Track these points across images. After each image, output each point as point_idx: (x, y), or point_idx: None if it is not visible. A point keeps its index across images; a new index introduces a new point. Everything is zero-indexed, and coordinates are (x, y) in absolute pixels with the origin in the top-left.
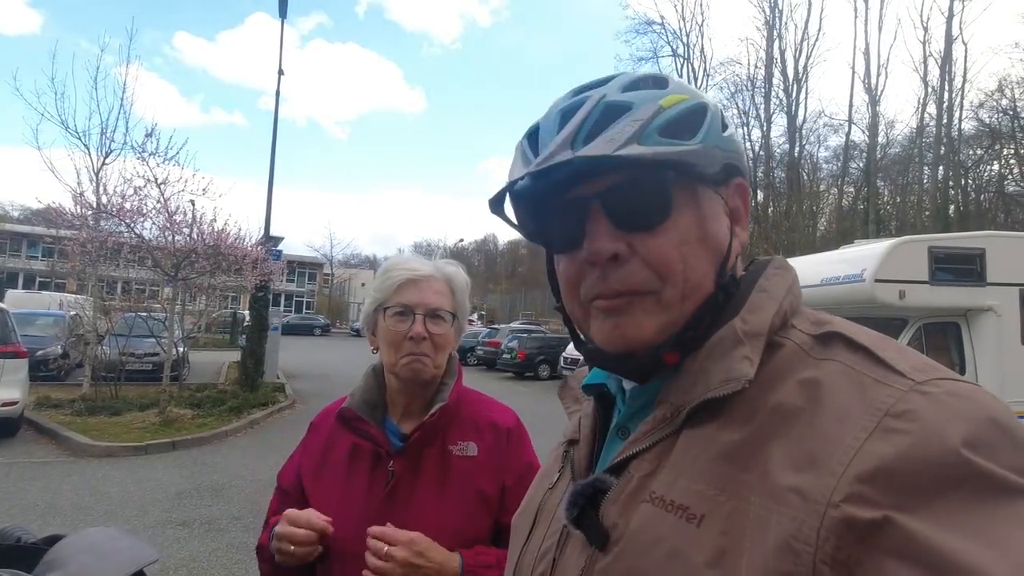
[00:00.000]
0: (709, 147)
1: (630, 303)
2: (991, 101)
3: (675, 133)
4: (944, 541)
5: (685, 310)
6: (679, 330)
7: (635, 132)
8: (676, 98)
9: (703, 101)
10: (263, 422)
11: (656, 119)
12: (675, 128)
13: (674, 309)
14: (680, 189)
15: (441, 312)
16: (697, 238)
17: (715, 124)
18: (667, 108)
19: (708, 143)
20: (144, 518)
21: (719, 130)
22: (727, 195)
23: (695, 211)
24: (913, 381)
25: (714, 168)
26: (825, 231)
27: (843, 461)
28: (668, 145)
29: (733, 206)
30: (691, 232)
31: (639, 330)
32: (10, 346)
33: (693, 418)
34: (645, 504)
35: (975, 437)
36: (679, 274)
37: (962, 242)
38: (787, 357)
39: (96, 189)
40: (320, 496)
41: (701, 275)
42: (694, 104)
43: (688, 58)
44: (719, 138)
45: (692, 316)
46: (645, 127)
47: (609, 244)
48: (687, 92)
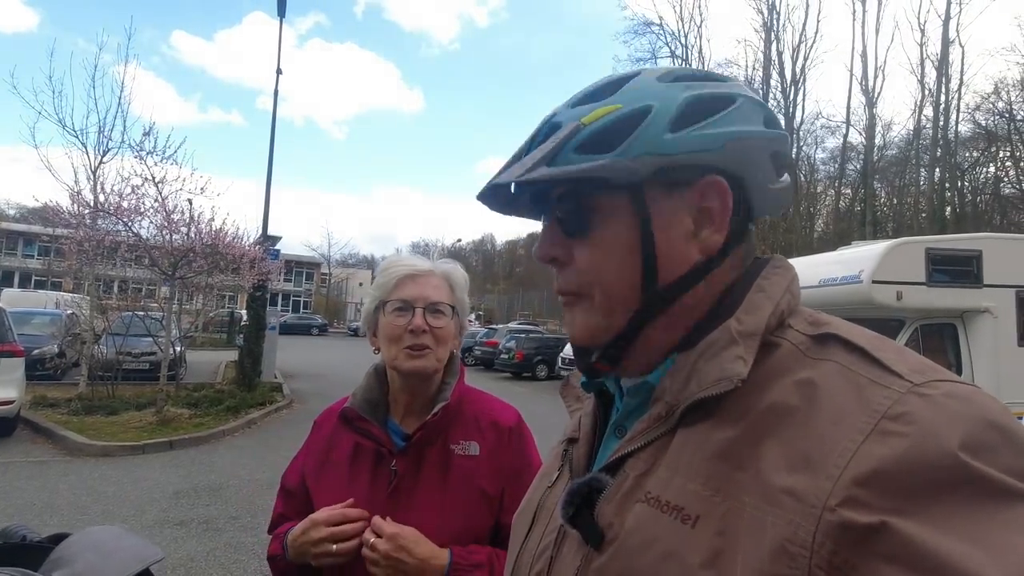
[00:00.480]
0: (627, 158)
1: (571, 303)
2: (987, 104)
3: (593, 148)
4: (941, 546)
5: (614, 320)
6: (610, 338)
7: (547, 154)
8: (604, 111)
9: (644, 105)
10: (260, 422)
11: (574, 138)
12: (593, 143)
13: (602, 315)
14: (608, 200)
15: (441, 306)
16: (627, 247)
17: (655, 127)
18: (588, 124)
19: (630, 153)
20: (141, 518)
21: (661, 132)
22: (691, 197)
23: (627, 221)
24: (910, 383)
25: (634, 177)
26: (822, 232)
27: (839, 464)
28: (580, 162)
29: (704, 206)
30: (618, 242)
31: (574, 327)
32: (6, 345)
33: (688, 417)
34: (640, 504)
35: (973, 440)
36: (599, 283)
37: (959, 244)
38: (783, 357)
39: (93, 188)
40: (323, 496)
41: (626, 286)
42: (627, 112)
43: (686, 59)
44: (660, 142)
45: (624, 327)
46: (560, 147)
47: (548, 249)
48: (630, 99)
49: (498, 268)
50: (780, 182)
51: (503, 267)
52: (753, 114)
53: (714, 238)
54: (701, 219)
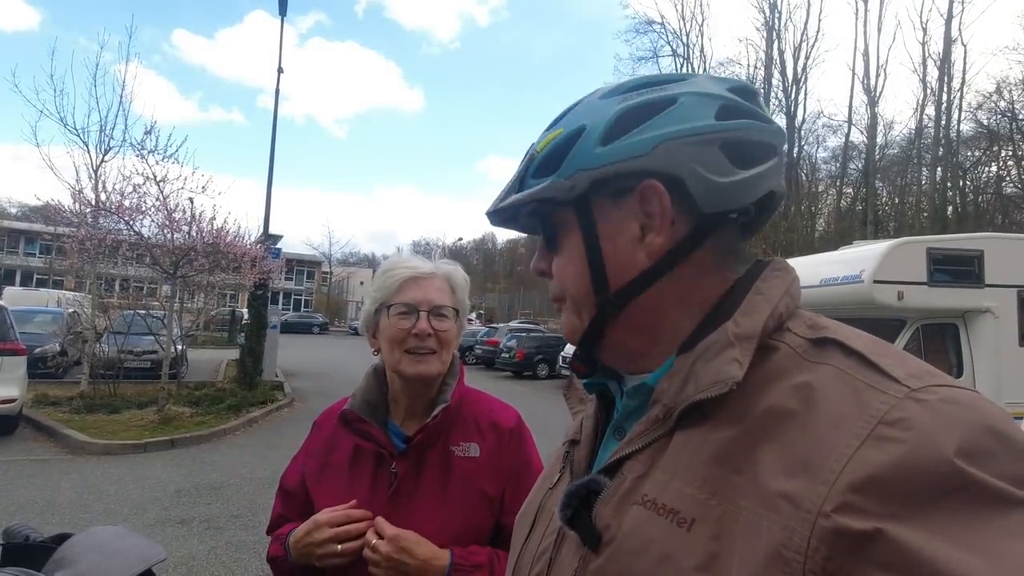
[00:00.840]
0: (561, 180)
1: (559, 307)
2: (989, 103)
3: (543, 171)
4: (936, 552)
5: (582, 322)
6: (580, 338)
7: (514, 181)
8: (551, 136)
9: (579, 126)
10: (262, 420)
11: (531, 165)
12: (544, 167)
13: (574, 317)
14: (562, 216)
15: (444, 309)
16: (579, 258)
17: (587, 144)
18: (541, 150)
19: (569, 171)
20: (143, 516)
21: (592, 147)
22: (633, 204)
23: (576, 235)
24: (908, 388)
25: (573, 193)
26: (824, 232)
27: (835, 469)
28: (534, 185)
29: (647, 211)
30: (573, 254)
31: (563, 328)
32: (8, 343)
33: (685, 420)
34: (637, 506)
35: (970, 446)
36: (567, 289)
37: (960, 244)
38: (781, 360)
39: (95, 186)
40: (324, 497)
41: (582, 292)
42: (565, 135)
43: (688, 58)
44: (591, 157)
45: (586, 329)
46: (523, 174)
47: (538, 263)
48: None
49: (499, 267)
50: (740, 173)
51: (504, 266)
52: (697, 110)
53: (657, 241)
54: (648, 224)
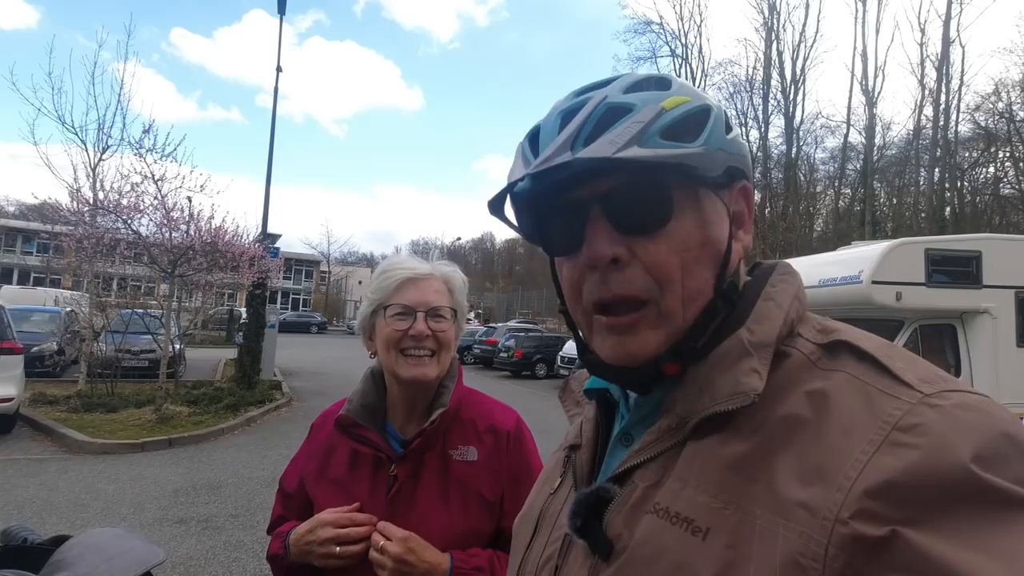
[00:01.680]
0: (711, 150)
1: (635, 321)
2: (987, 104)
3: (677, 135)
4: (952, 556)
5: (686, 318)
6: (680, 338)
7: (636, 134)
8: (679, 100)
9: (707, 103)
10: (260, 420)
11: (658, 121)
12: (677, 130)
13: (675, 318)
14: (681, 192)
15: (443, 310)
16: (698, 243)
17: (719, 127)
18: (669, 110)
19: (710, 146)
20: (141, 516)
21: (723, 133)
22: (730, 199)
23: (697, 215)
24: (921, 393)
25: (716, 171)
26: (822, 232)
27: (850, 476)
28: (669, 148)
29: (736, 210)
30: (692, 237)
31: (643, 346)
32: (6, 342)
33: (699, 429)
34: (649, 515)
35: (984, 451)
36: (678, 280)
37: (958, 244)
38: (793, 367)
39: (93, 185)
40: (323, 500)
41: (701, 281)
42: (697, 106)
43: (686, 58)
44: (722, 141)
45: (693, 324)
46: (646, 129)
47: (609, 248)
48: (690, 94)
49: (498, 267)
50: None
51: (502, 266)
52: None
53: (747, 239)
54: (733, 221)
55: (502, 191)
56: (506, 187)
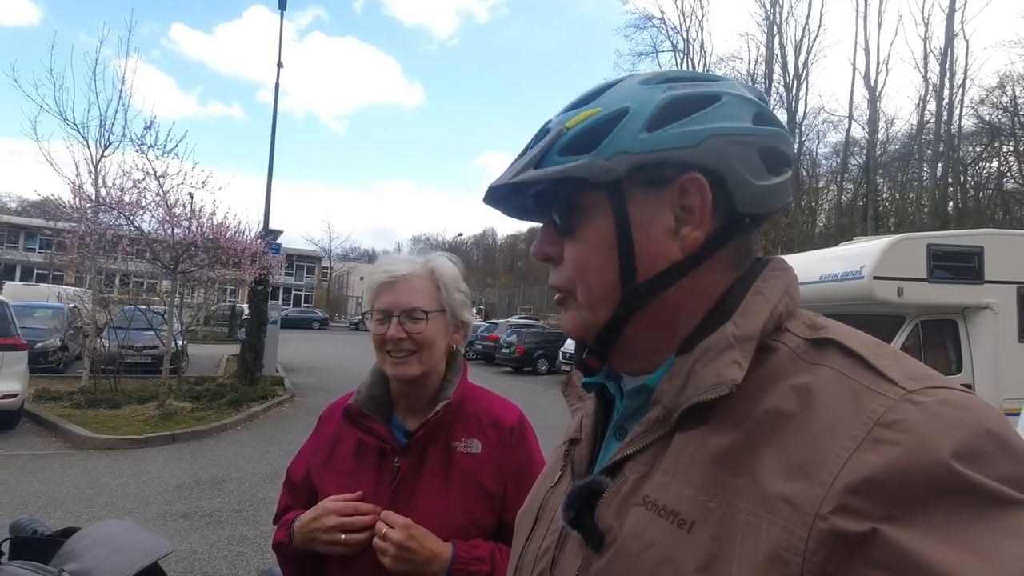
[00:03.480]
0: (606, 156)
1: (561, 299)
2: (991, 98)
3: (574, 149)
4: (931, 553)
5: (598, 317)
6: (595, 334)
7: (534, 157)
8: (586, 114)
9: (621, 108)
10: (262, 415)
11: (558, 141)
12: (574, 145)
13: (587, 311)
14: (590, 199)
15: (416, 312)
16: (607, 245)
17: (631, 127)
18: (571, 128)
19: (605, 152)
20: (145, 510)
21: (635, 132)
22: (670, 195)
23: (607, 219)
24: (905, 390)
25: (611, 176)
26: (824, 227)
27: (832, 471)
28: (562, 163)
29: (685, 204)
30: (600, 239)
31: (567, 322)
32: (10, 338)
33: (685, 421)
34: (638, 507)
35: (965, 448)
36: (583, 280)
37: (960, 240)
38: (780, 361)
39: (95, 181)
40: (328, 490)
41: (605, 284)
42: (604, 115)
43: (688, 53)
44: (635, 141)
45: (606, 322)
46: (547, 150)
47: (542, 248)
48: (611, 102)
49: (499, 263)
50: (771, 179)
51: (504, 262)
52: (740, 111)
53: (694, 235)
54: (683, 216)
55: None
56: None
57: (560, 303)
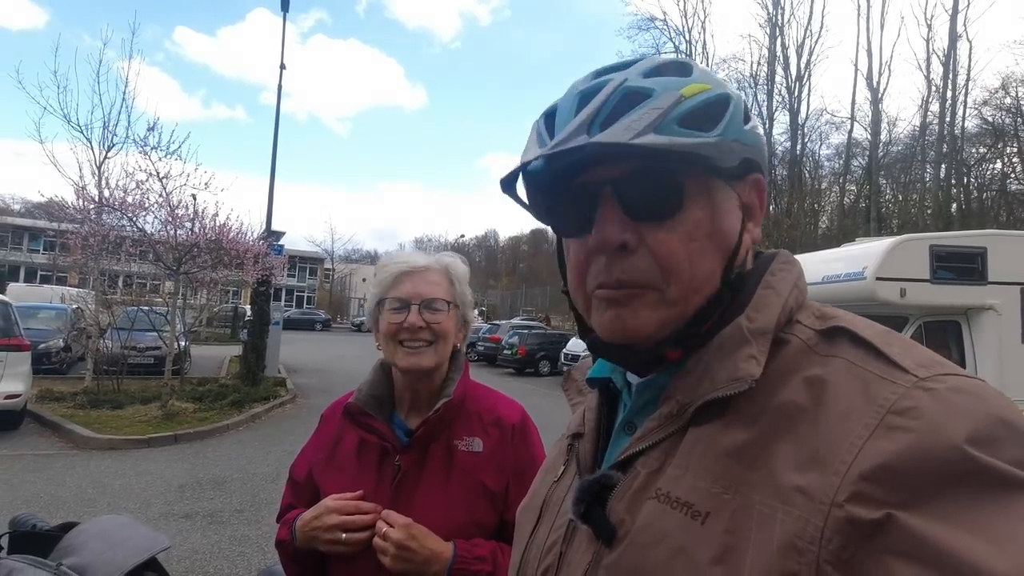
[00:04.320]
0: (728, 140)
1: (631, 295)
2: (995, 99)
3: (694, 124)
4: (947, 538)
5: (689, 306)
6: (683, 325)
7: (653, 120)
8: (698, 87)
9: (726, 92)
10: (264, 416)
11: (676, 109)
12: (694, 119)
13: (677, 305)
14: (694, 182)
15: (437, 302)
16: (707, 233)
17: (737, 116)
18: (688, 98)
19: (727, 136)
20: (147, 510)
21: (740, 123)
22: (742, 190)
23: (708, 205)
24: (916, 377)
25: (731, 162)
26: (827, 229)
27: (846, 460)
28: (686, 136)
29: (747, 202)
30: (702, 227)
31: (638, 322)
32: (13, 339)
33: (699, 415)
34: (651, 501)
35: (978, 433)
36: (685, 271)
37: (963, 240)
38: (792, 354)
39: (98, 183)
40: (330, 488)
41: (707, 272)
42: (717, 94)
43: (690, 55)
44: (739, 131)
45: (696, 312)
46: (664, 116)
47: (618, 233)
48: (710, 81)
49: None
50: None
51: (506, 263)
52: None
53: (756, 231)
54: (745, 213)
55: (515, 170)
56: (519, 166)
57: (621, 301)
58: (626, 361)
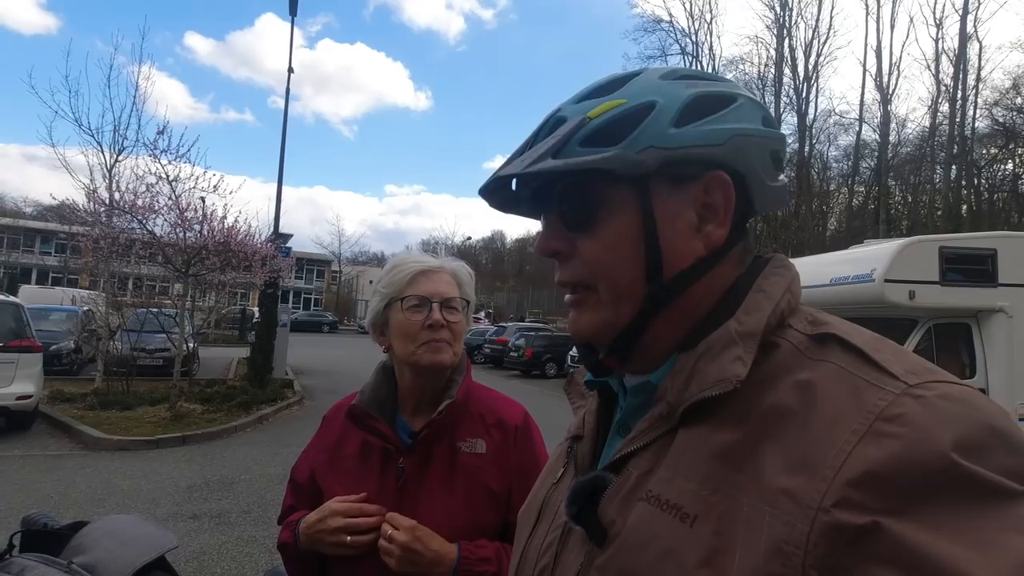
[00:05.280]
0: (635, 150)
1: (580, 299)
2: (1006, 100)
3: (597, 141)
4: (932, 546)
5: (621, 313)
6: (617, 333)
7: (552, 146)
8: (608, 106)
9: (648, 101)
10: (272, 418)
11: (579, 131)
12: (598, 136)
13: (609, 309)
14: (614, 193)
15: (455, 301)
16: (632, 240)
17: (659, 122)
18: (594, 118)
19: (635, 146)
20: (155, 511)
21: (665, 127)
22: (695, 192)
23: (632, 214)
24: (906, 384)
25: (643, 169)
26: (835, 231)
27: (834, 465)
28: (584, 155)
29: (708, 202)
30: (624, 235)
31: (582, 324)
32: (25, 340)
33: (689, 417)
34: (641, 502)
35: (966, 441)
36: (607, 277)
37: (973, 242)
38: (782, 357)
39: (109, 186)
40: (333, 491)
41: (629, 279)
42: (632, 107)
43: (696, 56)
44: (665, 136)
45: (629, 321)
46: (566, 140)
47: (551, 243)
48: (635, 93)
49: (507, 266)
50: (779, 181)
51: (513, 265)
52: (753, 113)
53: (717, 232)
54: (705, 214)
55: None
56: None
57: (573, 304)
58: (585, 361)
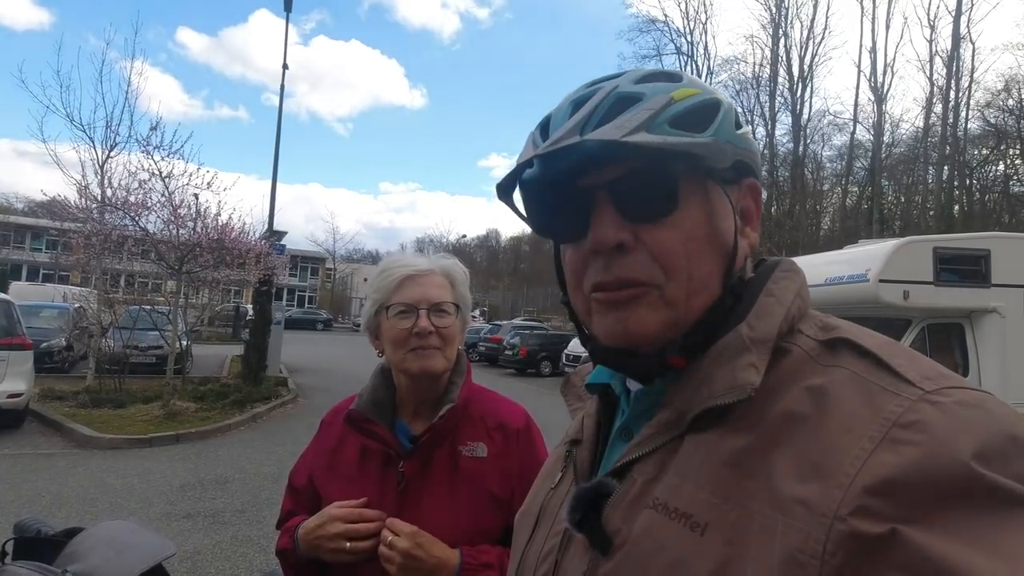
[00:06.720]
0: (720, 142)
1: (632, 296)
2: (998, 101)
3: (685, 125)
4: (952, 554)
5: (691, 310)
6: (685, 331)
7: (645, 120)
8: (688, 91)
9: (716, 97)
10: (266, 416)
11: (667, 110)
12: (686, 120)
13: (679, 307)
14: (689, 182)
15: (444, 305)
16: (705, 234)
17: (728, 120)
18: (679, 100)
19: (719, 138)
20: (148, 510)
21: (731, 127)
22: (737, 194)
23: (704, 206)
24: (922, 390)
25: (724, 164)
26: (829, 230)
27: (850, 472)
28: (677, 136)
29: (744, 206)
30: (698, 228)
31: (641, 325)
32: (16, 338)
33: (697, 423)
34: (648, 510)
35: (985, 448)
36: (683, 270)
37: (967, 243)
38: (794, 363)
39: (101, 182)
40: (332, 496)
41: (706, 273)
42: (706, 99)
43: (692, 56)
44: (731, 135)
45: (699, 318)
46: (655, 116)
47: (613, 233)
48: (700, 87)
49: (502, 264)
50: None
51: (508, 263)
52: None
53: (754, 236)
54: (741, 218)
55: (510, 173)
56: (514, 169)
57: (624, 302)
58: (629, 367)
